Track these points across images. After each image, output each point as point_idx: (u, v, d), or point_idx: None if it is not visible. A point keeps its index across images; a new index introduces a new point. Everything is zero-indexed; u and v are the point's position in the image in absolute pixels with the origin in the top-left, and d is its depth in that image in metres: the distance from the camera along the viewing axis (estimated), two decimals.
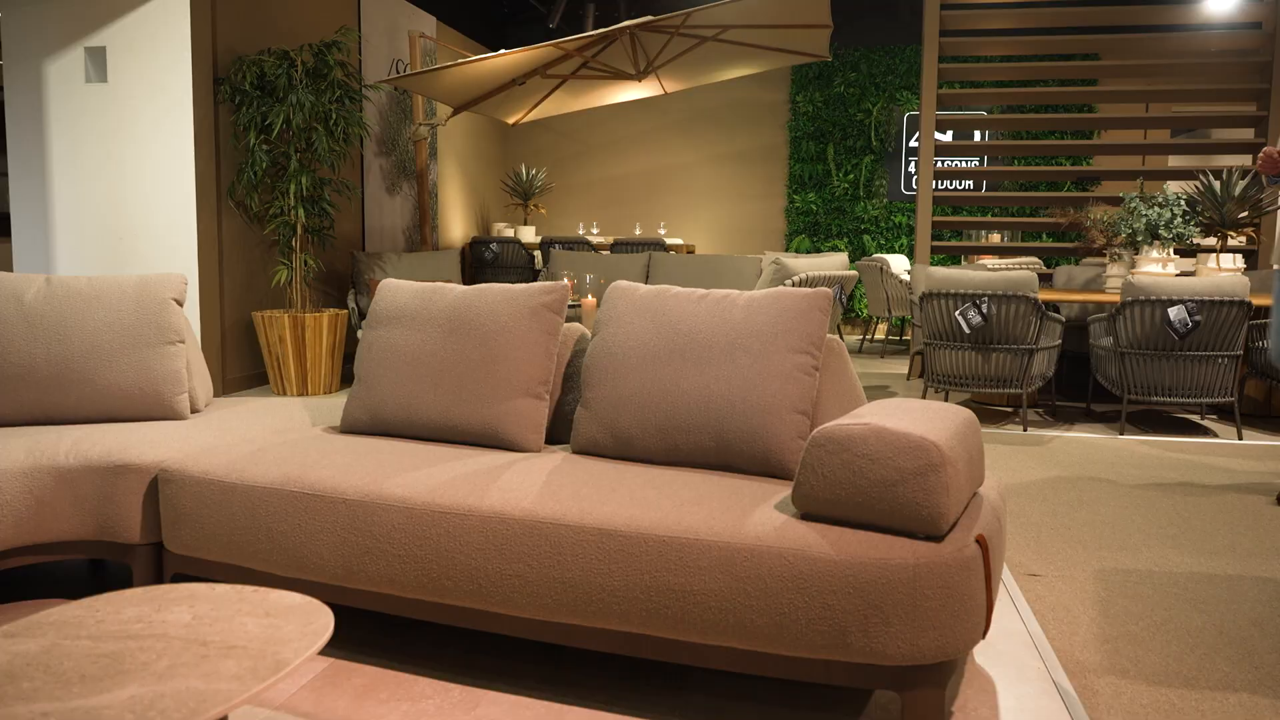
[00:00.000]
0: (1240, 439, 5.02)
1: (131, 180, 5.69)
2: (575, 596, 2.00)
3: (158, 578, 2.54)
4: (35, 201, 5.80)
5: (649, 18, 6.07)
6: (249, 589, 1.68)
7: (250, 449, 2.51)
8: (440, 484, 2.20)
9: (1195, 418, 5.66)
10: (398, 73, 8.01)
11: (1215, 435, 5.14)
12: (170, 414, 2.91)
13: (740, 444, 2.29)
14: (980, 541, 1.90)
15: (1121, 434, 5.11)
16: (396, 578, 2.17)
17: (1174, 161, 9.26)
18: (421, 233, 8.29)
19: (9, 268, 7.58)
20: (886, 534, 1.87)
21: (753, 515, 1.96)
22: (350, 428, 2.78)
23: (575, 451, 2.55)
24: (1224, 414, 5.78)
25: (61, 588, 2.81)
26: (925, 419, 1.98)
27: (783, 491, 2.15)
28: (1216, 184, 5.96)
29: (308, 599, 1.65)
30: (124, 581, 2.86)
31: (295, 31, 6.59)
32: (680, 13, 5.98)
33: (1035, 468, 4.33)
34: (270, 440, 2.63)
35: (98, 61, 5.67)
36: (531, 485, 2.17)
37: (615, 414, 2.45)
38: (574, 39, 6.16)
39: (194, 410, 3.09)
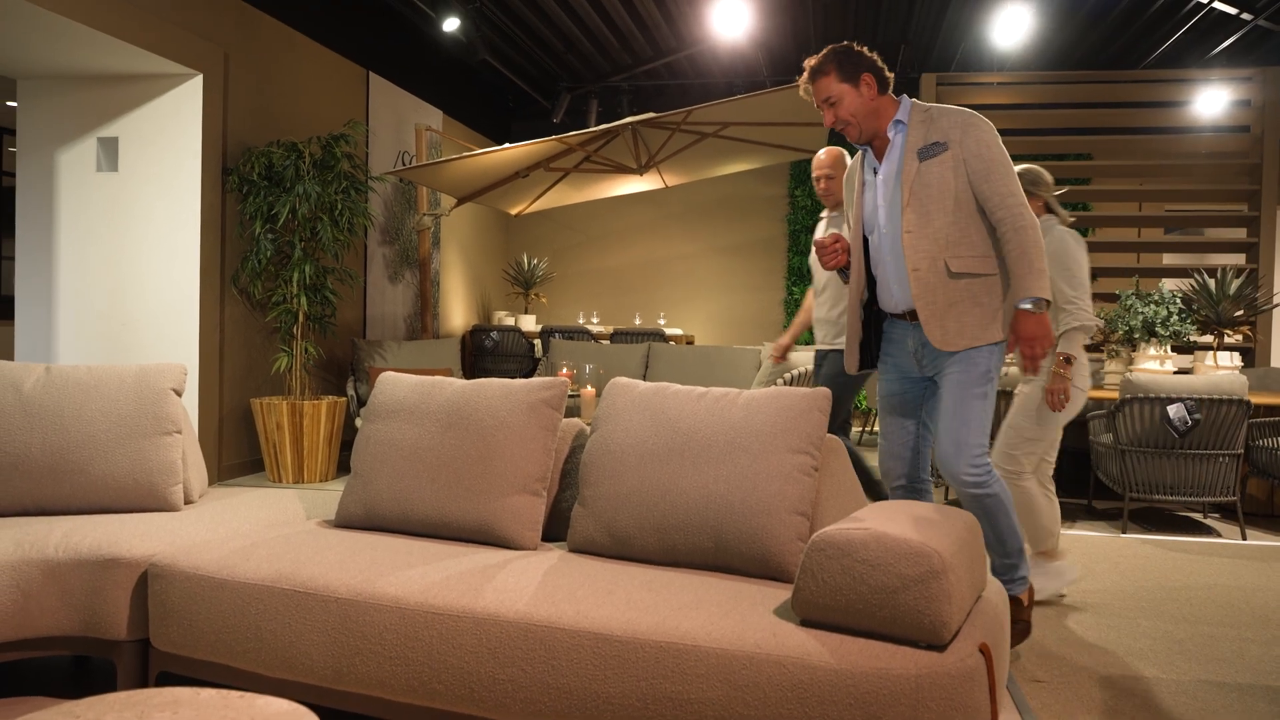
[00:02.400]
0: (1244, 539, 4.96)
1: (137, 267, 5.74)
2: (570, 704, 1.95)
3: (143, 675, 2.48)
4: (40, 286, 5.85)
5: (651, 114, 6.21)
6: (234, 695, 1.64)
7: (242, 544, 2.48)
8: (434, 583, 2.16)
9: (1198, 516, 5.61)
10: (404, 164, 8.16)
11: (1219, 535, 5.09)
12: (164, 505, 2.88)
13: (739, 545, 2.27)
14: (984, 651, 1.86)
15: (1124, 532, 5.06)
16: (387, 680, 2.12)
17: (1168, 259, 9.38)
18: (423, 320, 8.34)
19: (10, 352, 7.60)
20: (888, 642, 1.83)
21: (751, 621, 1.93)
22: (345, 522, 2.75)
23: (572, 550, 2.51)
24: (1226, 513, 5.73)
25: (44, 684, 2.74)
26: (926, 524, 1.96)
27: (782, 595, 2.11)
28: (1211, 282, 6.02)
29: (295, 706, 1.60)
30: (108, 676, 2.80)
31: (304, 124, 6.74)
32: (682, 110, 6.12)
33: None
34: (263, 534, 2.60)
35: (109, 151, 5.77)
36: (527, 586, 2.13)
37: (613, 512, 2.42)
38: (577, 134, 6.29)
39: (188, 501, 3.05)
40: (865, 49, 2.90)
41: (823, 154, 4.39)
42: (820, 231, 4.38)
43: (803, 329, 4.79)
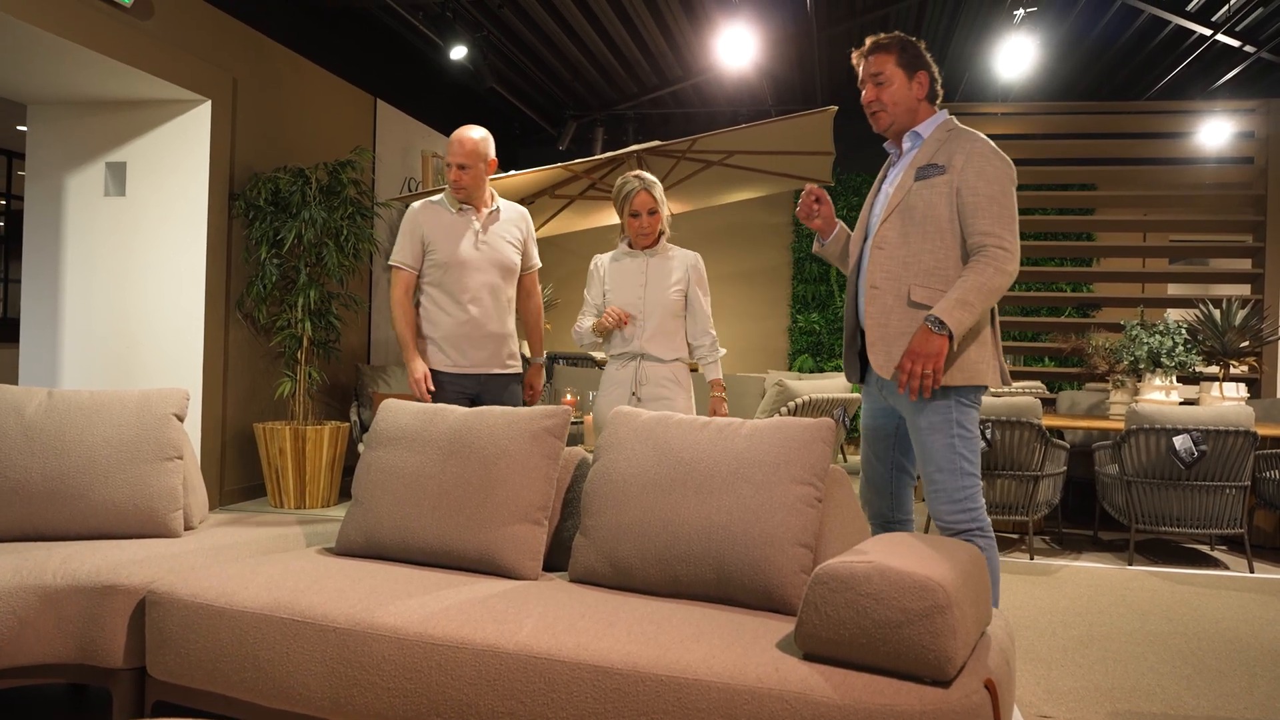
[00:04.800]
0: (1252, 572, 4.92)
1: (142, 291, 5.76)
2: None
3: (139, 704, 2.46)
4: (46, 309, 5.86)
5: (657, 142, 6.23)
6: None
7: (241, 571, 2.46)
8: (433, 613, 2.14)
9: (1205, 549, 5.56)
10: (410, 190, 8.19)
11: (1226, 567, 5.05)
12: (164, 531, 2.87)
13: (742, 577, 2.24)
14: (989, 687, 1.84)
15: (1130, 564, 5.02)
16: (385, 711, 2.09)
17: (1173, 290, 9.37)
18: None
19: (15, 374, 7.61)
20: (892, 678, 1.81)
21: (753, 654, 1.90)
22: (345, 550, 2.73)
23: (573, 580, 2.49)
24: (1234, 545, 5.68)
25: (39, 712, 2.72)
26: (931, 557, 1.93)
27: (785, 628, 2.09)
28: (1217, 313, 6.01)
29: None
30: (104, 705, 2.77)
31: (311, 150, 6.77)
32: (687, 138, 6.14)
33: (1044, 599, 4.24)
34: (262, 562, 2.58)
35: (117, 176, 5.80)
36: (527, 617, 2.11)
37: (615, 543, 2.40)
38: (583, 161, 6.31)
39: (188, 527, 3.04)
40: (930, 55, 2.83)
41: (457, 141, 3.61)
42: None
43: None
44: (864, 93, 2.80)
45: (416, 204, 3.75)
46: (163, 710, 2.49)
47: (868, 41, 2.81)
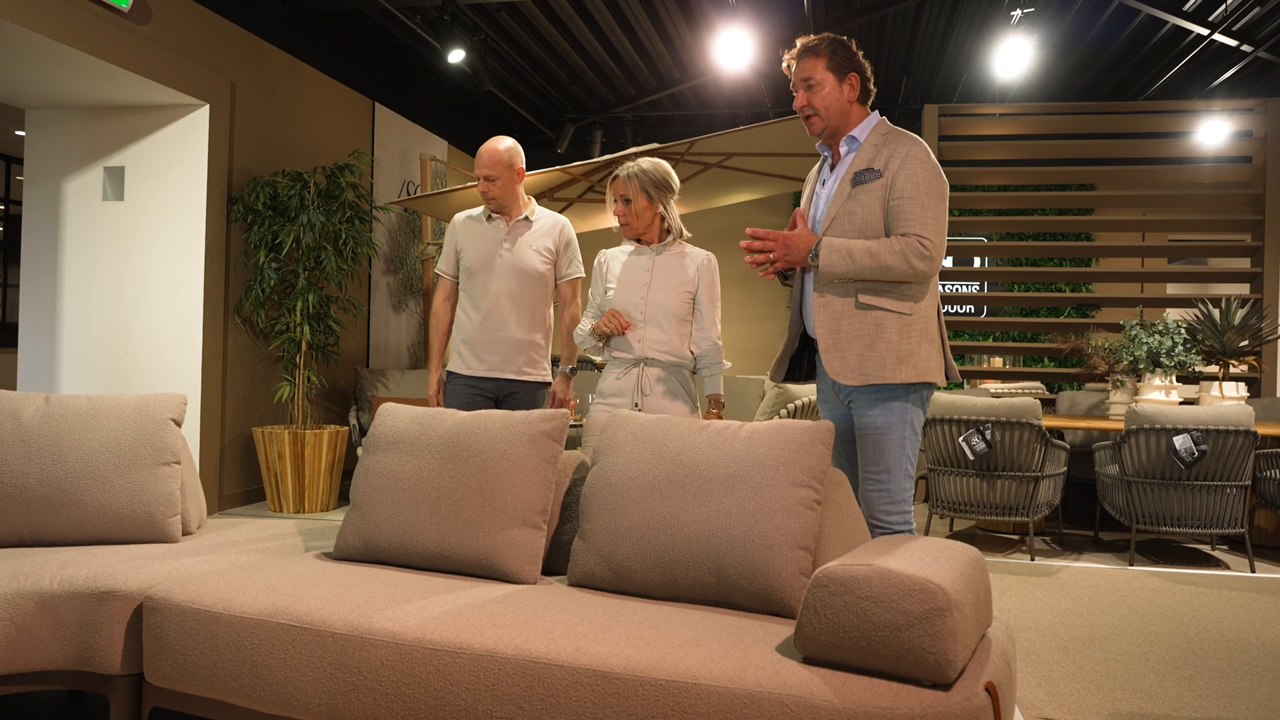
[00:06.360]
0: (1253, 571, 4.91)
1: (141, 296, 5.75)
2: None
3: (136, 711, 2.45)
4: (44, 314, 5.85)
5: (655, 145, 6.23)
6: None
7: (239, 576, 2.45)
8: (432, 618, 2.14)
9: (1206, 548, 5.56)
10: (409, 194, 8.18)
11: (1227, 567, 5.04)
12: (161, 536, 2.86)
13: (741, 580, 2.24)
14: (990, 689, 1.83)
15: (1131, 565, 5.01)
16: (383, 718, 2.08)
17: (1172, 289, 9.37)
18: (425, 350, 8.32)
19: (13, 379, 7.60)
20: (892, 681, 1.80)
21: (753, 658, 1.90)
22: (343, 554, 2.72)
23: (572, 584, 2.49)
24: (1235, 544, 5.68)
25: (36, 718, 2.71)
26: (930, 559, 1.93)
27: (784, 632, 2.08)
28: (1216, 312, 6.01)
29: None
30: (102, 711, 2.76)
31: (310, 154, 6.76)
32: (685, 140, 6.14)
33: (1045, 600, 4.23)
34: (260, 567, 2.57)
35: (116, 181, 5.80)
36: (525, 621, 2.10)
37: (613, 546, 2.39)
38: (581, 164, 6.31)
39: (186, 532, 3.03)
40: (861, 53, 2.78)
41: (484, 152, 3.71)
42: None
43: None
44: (796, 98, 2.78)
45: (458, 215, 3.94)
46: (160, 717, 2.48)
47: (798, 44, 2.77)
